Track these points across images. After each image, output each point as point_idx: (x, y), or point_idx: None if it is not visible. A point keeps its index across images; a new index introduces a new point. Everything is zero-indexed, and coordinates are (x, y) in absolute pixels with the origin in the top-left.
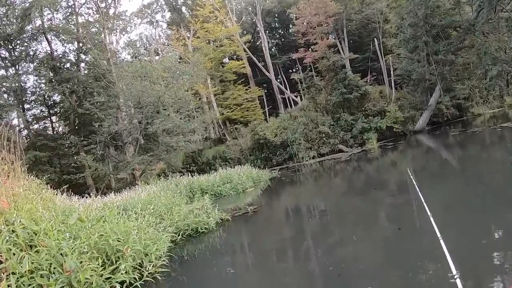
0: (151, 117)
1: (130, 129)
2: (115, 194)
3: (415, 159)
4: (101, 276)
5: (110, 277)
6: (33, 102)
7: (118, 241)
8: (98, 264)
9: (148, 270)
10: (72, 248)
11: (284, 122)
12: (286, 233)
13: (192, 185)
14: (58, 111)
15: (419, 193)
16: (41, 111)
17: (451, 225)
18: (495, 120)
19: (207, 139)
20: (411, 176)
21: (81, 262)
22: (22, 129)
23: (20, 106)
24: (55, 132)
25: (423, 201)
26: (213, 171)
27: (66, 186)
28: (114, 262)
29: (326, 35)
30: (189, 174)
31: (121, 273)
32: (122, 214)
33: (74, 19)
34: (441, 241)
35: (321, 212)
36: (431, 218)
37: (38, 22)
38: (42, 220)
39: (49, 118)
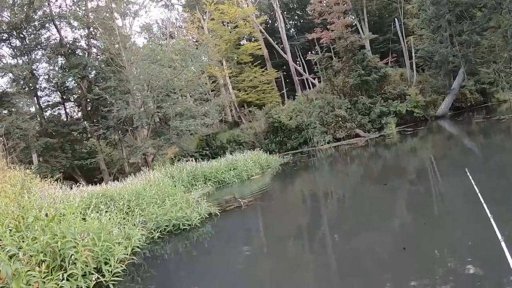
0: (161, 100)
1: (140, 114)
2: (125, 179)
3: (436, 146)
4: (44, 283)
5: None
6: (46, 89)
7: (75, 242)
8: (41, 271)
9: (97, 279)
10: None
11: (300, 105)
12: (280, 238)
13: (195, 171)
14: (71, 97)
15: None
16: (54, 97)
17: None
18: None
19: (224, 122)
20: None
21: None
22: (35, 116)
23: (33, 93)
24: (69, 118)
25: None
26: (228, 154)
27: (60, 175)
28: (67, 267)
29: (343, 14)
30: (202, 158)
31: (67, 280)
32: (99, 208)
33: (84, 5)
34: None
35: (332, 210)
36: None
37: (48, 9)
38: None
39: (62, 105)
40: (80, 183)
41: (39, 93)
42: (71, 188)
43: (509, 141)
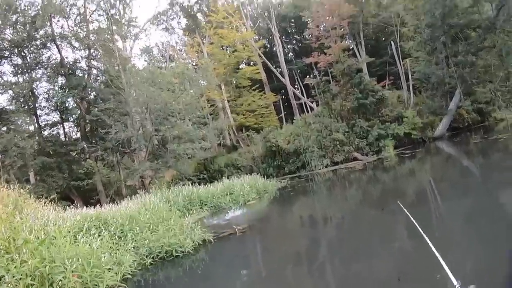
0: (159, 123)
1: (138, 136)
2: (122, 201)
3: (434, 169)
4: None
5: None
6: (45, 108)
7: (64, 267)
8: None
9: None
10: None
11: (298, 128)
12: (275, 267)
13: (192, 195)
14: (70, 118)
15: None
16: (53, 117)
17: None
18: None
19: (222, 146)
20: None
21: None
22: (33, 135)
23: (32, 112)
24: (67, 138)
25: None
26: (225, 179)
27: (54, 196)
28: None
29: (340, 38)
30: (199, 182)
31: None
32: (91, 231)
33: (85, 26)
34: None
35: (327, 237)
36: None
37: (50, 29)
38: None
39: (61, 124)
40: (76, 204)
41: (38, 112)
42: (65, 209)
43: (509, 160)
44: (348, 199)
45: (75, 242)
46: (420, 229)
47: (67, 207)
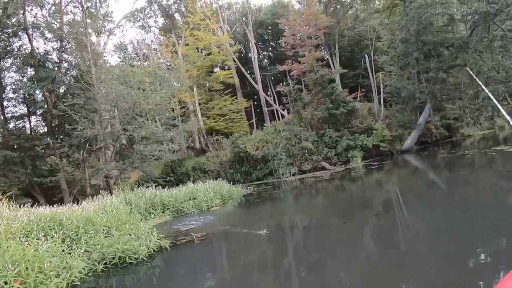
0: (127, 123)
1: (104, 134)
2: (85, 200)
3: (400, 180)
4: None
5: None
6: (12, 99)
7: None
8: None
9: None
10: None
11: (267, 135)
12: (230, 276)
13: (154, 199)
14: (38, 111)
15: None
16: (20, 109)
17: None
18: (485, 142)
19: (191, 149)
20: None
21: None
22: None
23: None
24: (33, 133)
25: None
26: (190, 183)
27: (12, 192)
28: None
29: (315, 48)
30: (166, 184)
31: None
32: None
33: (59, 17)
34: None
35: (283, 248)
36: None
37: (22, 17)
38: None
39: (27, 117)
40: (36, 202)
41: (5, 103)
42: (21, 207)
43: (472, 175)
44: (312, 208)
45: (24, 244)
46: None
47: (24, 205)
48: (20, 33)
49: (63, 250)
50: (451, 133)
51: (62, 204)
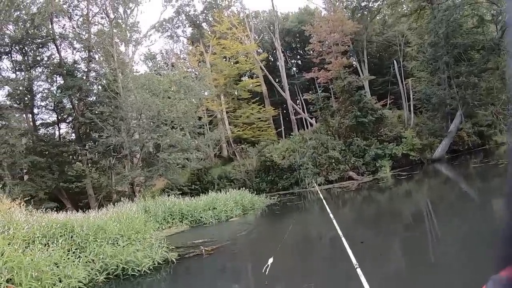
0: (152, 131)
1: (129, 142)
2: (112, 206)
3: (431, 193)
4: None
5: None
6: (42, 107)
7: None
8: None
9: None
10: None
11: (294, 144)
12: None
13: (173, 208)
14: (67, 119)
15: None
16: (50, 117)
17: None
18: None
19: (219, 157)
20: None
21: None
22: (26, 133)
23: (28, 110)
24: (62, 139)
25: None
26: (212, 192)
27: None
28: None
29: (342, 54)
30: (191, 192)
31: None
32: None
33: (87, 28)
34: None
35: (298, 271)
36: None
37: (53, 28)
38: None
39: (57, 125)
40: (66, 206)
41: (35, 111)
42: (44, 211)
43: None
44: (338, 223)
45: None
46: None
47: (52, 209)
48: (49, 44)
49: (68, 258)
50: (484, 140)
51: (88, 209)
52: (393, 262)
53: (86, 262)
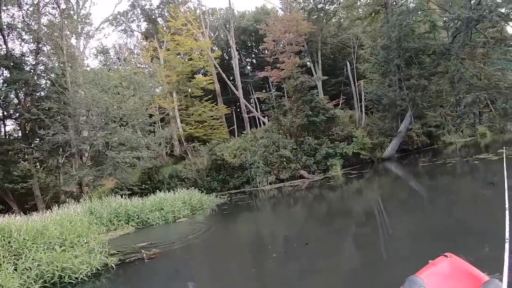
0: (100, 128)
1: (77, 140)
2: (57, 208)
3: (380, 190)
4: None
5: None
6: None
7: None
8: None
9: None
10: None
11: (246, 143)
12: None
13: (119, 209)
14: (13, 115)
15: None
16: None
17: None
18: (467, 149)
19: (171, 156)
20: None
21: None
22: None
23: None
24: (8, 137)
25: None
26: (159, 192)
27: None
28: None
29: (296, 54)
30: (142, 192)
31: None
32: None
33: (37, 18)
34: None
35: (245, 276)
36: None
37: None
38: None
39: (2, 121)
40: (12, 209)
41: None
42: None
43: (453, 184)
44: (288, 222)
45: None
46: None
47: None
48: None
49: (1, 266)
50: (432, 140)
51: (36, 211)
52: (345, 258)
53: (23, 270)
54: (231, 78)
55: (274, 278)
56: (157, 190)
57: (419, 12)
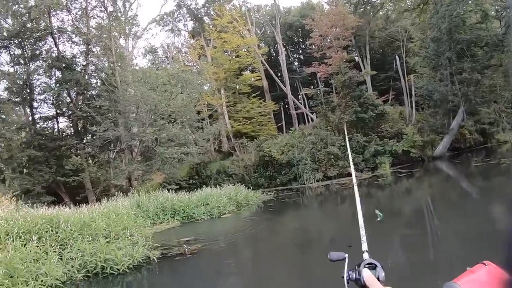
0: (149, 125)
1: (125, 136)
2: (106, 201)
3: (431, 189)
4: None
5: None
6: (42, 101)
7: None
8: None
9: None
10: None
11: (294, 139)
12: None
13: (165, 203)
14: (66, 112)
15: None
16: (49, 111)
17: None
18: None
19: (219, 152)
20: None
21: None
22: (23, 127)
23: (27, 104)
24: (61, 133)
25: None
26: (206, 188)
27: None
28: None
29: (343, 49)
30: (189, 187)
31: None
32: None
33: (86, 21)
34: None
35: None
36: None
37: (51, 22)
38: None
39: (55, 119)
40: (64, 200)
41: (34, 105)
42: (36, 205)
43: (509, 186)
44: (335, 221)
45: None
46: None
47: (43, 204)
48: (47, 37)
49: (48, 255)
50: (486, 138)
51: (86, 203)
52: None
53: (67, 259)
54: (279, 74)
55: (313, 279)
56: (204, 186)
57: (470, 1)
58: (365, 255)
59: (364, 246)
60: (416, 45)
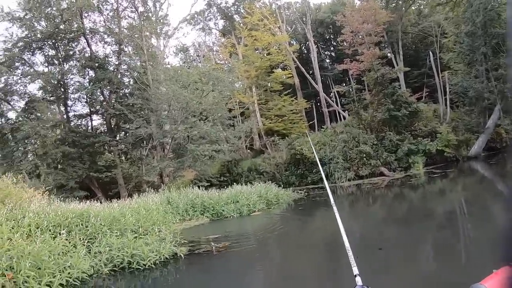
0: (181, 122)
1: (157, 133)
2: (137, 196)
3: (466, 192)
4: None
5: None
6: (76, 100)
7: None
8: None
9: None
10: None
11: (325, 137)
12: None
13: (195, 200)
14: (100, 111)
15: None
16: (83, 109)
17: None
18: None
19: (251, 150)
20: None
21: None
22: (58, 124)
23: (61, 102)
24: (94, 131)
25: None
26: (236, 185)
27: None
28: None
29: (375, 45)
30: (220, 184)
31: None
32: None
33: (117, 22)
34: None
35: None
36: None
37: (84, 23)
38: None
39: (89, 116)
40: (96, 195)
41: (69, 103)
42: (69, 199)
43: None
44: (366, 222)
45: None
46: None
47: (76, 198)
48: (80, 38)
49: (76, 248)
50: None
51: (118, 198)
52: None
53: (95, 253)
54: (310, 71)
55: (341, 280)
56: (235, 183)
57: None
58: (358, 280)
59: (355, 270)
60: (450, 40)
